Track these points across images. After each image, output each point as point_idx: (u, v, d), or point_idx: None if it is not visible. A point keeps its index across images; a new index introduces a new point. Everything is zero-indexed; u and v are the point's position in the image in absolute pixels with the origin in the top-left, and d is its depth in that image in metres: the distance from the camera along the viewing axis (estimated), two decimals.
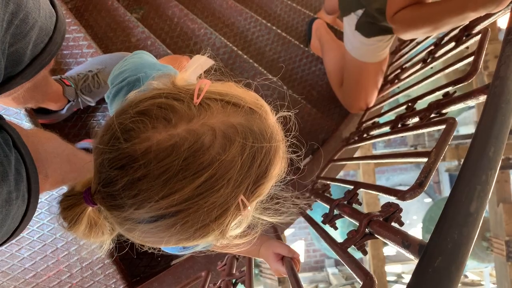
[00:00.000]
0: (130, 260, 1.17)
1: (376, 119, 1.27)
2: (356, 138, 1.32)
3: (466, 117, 4.51)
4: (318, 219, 0.89)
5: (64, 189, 1.03)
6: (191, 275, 1.09)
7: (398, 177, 5.28)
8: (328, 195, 1.05)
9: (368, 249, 3.88)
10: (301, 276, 4.90)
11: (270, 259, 0.80)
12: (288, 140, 0.57)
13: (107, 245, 0.53)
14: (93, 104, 1.16)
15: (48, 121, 1.17)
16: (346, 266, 0.55)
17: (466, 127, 4.57)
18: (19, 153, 0.70)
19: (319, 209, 1.07)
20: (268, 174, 0.50)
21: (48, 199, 1.05)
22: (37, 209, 1.04)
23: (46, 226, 1.05)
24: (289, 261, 0.76)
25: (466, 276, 4.55)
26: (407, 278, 4.68)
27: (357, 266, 0.52)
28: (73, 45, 1.23)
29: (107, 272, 1.06)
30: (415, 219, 5.17)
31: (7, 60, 0.68)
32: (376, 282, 0.46)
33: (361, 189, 0.82)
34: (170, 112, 0.44)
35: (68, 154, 0.95)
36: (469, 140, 3.41)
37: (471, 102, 0.69)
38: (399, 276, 4.72)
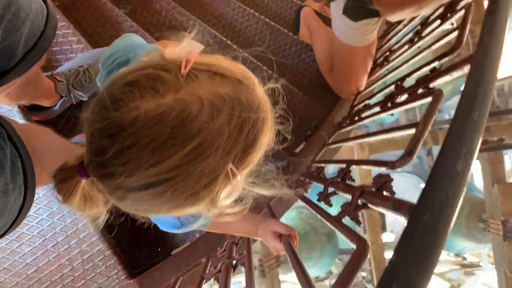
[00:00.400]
0: (130, 252, 1.18)
1: (367, 101, 1.28)
2: (348, 121, 1.33)
3: (457, 101, 4.54)
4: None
5: None
6: (191, 263, 1.10)
7: None
8: (322, 176, 1.06)
9: (367, 236, 3.91)
10: None
11: (268, 238, 0.82)
12: (276, 112, 0.59)
13: (102, 217, 0.55)
14: (85, 99, 1.17)
15: (41, 118, 1.17)
16: (341, 235, 0.57)
17: None
18: (14, 146, 0.70)
19: (313, 195, 1.08)
20: (257, 144, 0.51)
21: (46, 194, 1.06)
22: (35, 204, 1.06)
23: (45, 221, 1.05)
24: (286, 238, 0.77)
25: (464, 258, 4.60)
26: None
27: (351, 233, 0.54)
28: (62, 41, 1.23)
29: (108, 264, 1.07)
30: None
31: (0, 55, 0.69)
32: (369, 245, 0.48)
33: (355, 170, 0.84)
34: (158, 82, 0.45)
35: (63, 149, 0.95)
36: None
37: (456, 73, 0.71)
38: None
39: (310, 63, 1.70)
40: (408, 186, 5.23)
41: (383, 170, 0.70)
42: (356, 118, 1.24)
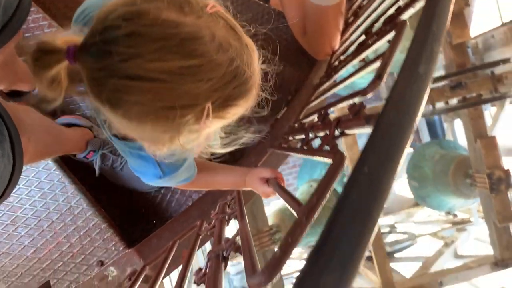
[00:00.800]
0: (125, 228, 1.21)
1: (341, 57, 1.31)
2: (325, 79, 1.36)
3: None
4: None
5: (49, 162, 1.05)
6: (186, 228, 1.13)
7: None
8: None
9: None
10: None
11: (256, 185, 0.85)
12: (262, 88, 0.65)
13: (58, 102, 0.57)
14: None
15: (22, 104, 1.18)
16: (319, 158, 0.60)
17: (437, 72, 4.67)
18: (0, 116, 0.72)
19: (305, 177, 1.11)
20: (238, 100, 0.56)
21: (36, 176, 1.07)
22: (26, 186, 1.07)
23: (38, 202, 1.07)
24: (273, 180, 0.80)
25: (455, 215, 4.71)
26: (400, 228, 4.83)
27: (327, 152, 0.57)
28: (33, 26, 1.23)
29: (105, 236, 1.09)
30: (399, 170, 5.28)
31: None
32: (346, 157, 0.51)
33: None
34: (186, 3, 0.52)
35: (47, 126, 0.97)
36: (440, 83, 3.47)
37: (418, 4, 0.73)
38: (392, 226, 4.87)
39: (284, 29, 1.72)
40: None
41: None
42: (332, 73, 1.27)
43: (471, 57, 4.12)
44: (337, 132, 0.66)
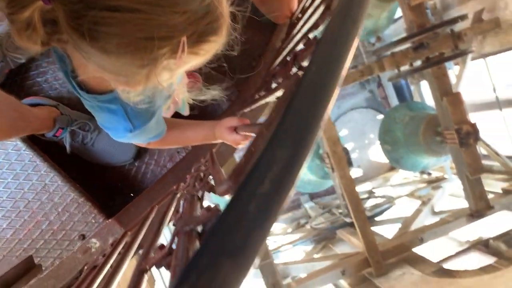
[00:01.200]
0: (104, 203, 1.21)
1: (299, 15, 1.33)
2: (285, 37, 1.38)
3: (396, 28, 4.69)
4: None
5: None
6: (163, 194, 1.15)
7: (348, 102, 5.46)
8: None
9: (335, 174, 4.03)
10: (282, 217, 4.98)
11: (225, 134, 0.87)
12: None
13: (38, 50, 0.57)
14: (23, 61, 1.16)
15: None
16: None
17: (398, 36, 4.75)
18: None
19: None
20: (211, 36, 0.58)
21: (6, 158, 1.06)
22: None
23: (11, 183, 1.07)
24: (242, 127, 0.83)
25: (429, 174, 4.85)
26: (378, 192, 4.95)
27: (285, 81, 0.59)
28: None
29: (84, 210, 1.10)
30: (372, 138, 5.41)
31: None
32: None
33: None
34: None
35: (11, 103, 0.96)
36: (403, 46, 3.52)
37: None
38: (370, 192, 4.98)
39: None
40: (366, 120, 5.42)
41: None
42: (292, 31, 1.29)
43: (431, 18, 4.22)
44: (295, 69, 0.69)
